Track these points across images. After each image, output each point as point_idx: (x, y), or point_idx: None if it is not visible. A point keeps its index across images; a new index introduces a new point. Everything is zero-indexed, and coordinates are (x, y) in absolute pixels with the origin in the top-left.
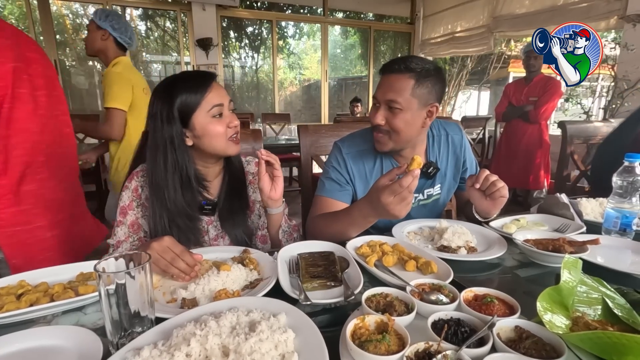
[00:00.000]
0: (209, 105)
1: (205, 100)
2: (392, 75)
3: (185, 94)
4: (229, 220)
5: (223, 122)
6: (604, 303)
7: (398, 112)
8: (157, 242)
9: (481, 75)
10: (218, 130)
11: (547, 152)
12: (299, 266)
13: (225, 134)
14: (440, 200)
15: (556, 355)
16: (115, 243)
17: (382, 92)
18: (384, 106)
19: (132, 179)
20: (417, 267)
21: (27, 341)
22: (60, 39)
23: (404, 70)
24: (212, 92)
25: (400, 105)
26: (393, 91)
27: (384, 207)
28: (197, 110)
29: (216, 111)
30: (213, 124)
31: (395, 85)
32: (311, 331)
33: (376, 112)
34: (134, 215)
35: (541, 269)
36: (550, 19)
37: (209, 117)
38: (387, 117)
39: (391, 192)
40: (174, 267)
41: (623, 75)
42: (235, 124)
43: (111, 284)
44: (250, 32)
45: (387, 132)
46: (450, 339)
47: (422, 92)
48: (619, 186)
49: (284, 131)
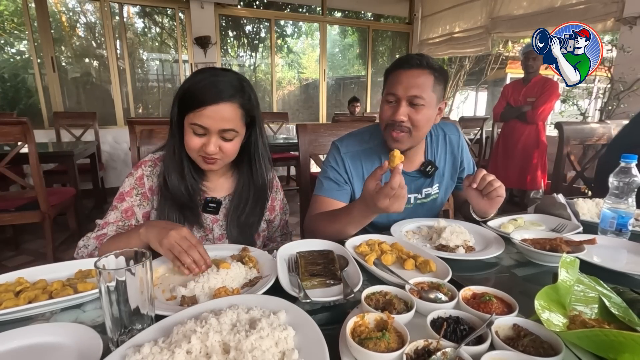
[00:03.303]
0: (193, 120)
1: (195, 113)
2: (413, 70)
3: (190, 92)
4: (233, 225)
5: (201, 140)
6: (600, 302)
7: (421, 108)
8: (175, 229)
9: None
10: (190, 143)
11: (544, 153)
12: (298, 264)
13: (197, 151)
14: (438, 200)
15: (554, 353)
16: (103, 223)
17: (403, 87)
18: (405, 102)
19: (138, 167)
20: (416, 266)
21: (26, 338)
22: (57, 35)
23: (425, 67)
24: (206, 111)
25: (424, 100)
26: (416, 86)
27: (383, 209)
28: (189, 114)
29: (196, 129)
30: (189, 135)
31: (418, 81)
32: (311, 328)
33: (398, 109)
34: (130, 202)
35: (538, 268)
36: (548, 21)
37: (190, 128)
38: (410, 114)
39: (385, 196)
40: (188, 256)
41: (619, 77)
42: (210, 150)
43: (111, 281)
44: (249, 31)
45: (408, 130)
46: (449, 337)
47: (438, 89)
48: (615, 187)
49: (282, 130)
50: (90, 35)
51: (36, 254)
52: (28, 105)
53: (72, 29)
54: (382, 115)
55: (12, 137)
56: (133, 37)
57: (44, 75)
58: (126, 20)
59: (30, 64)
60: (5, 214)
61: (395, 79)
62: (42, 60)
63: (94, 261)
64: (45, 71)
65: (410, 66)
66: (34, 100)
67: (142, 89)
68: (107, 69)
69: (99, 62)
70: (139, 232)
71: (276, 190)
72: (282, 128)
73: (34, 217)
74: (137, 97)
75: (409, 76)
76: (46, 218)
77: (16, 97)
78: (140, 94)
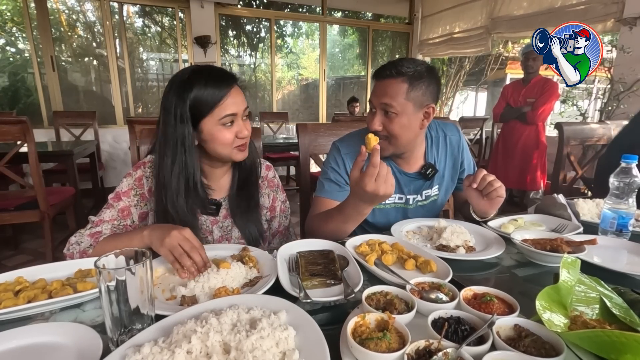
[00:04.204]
0: (222, 114)
1: (219, 108)
2: (385, 80)
3: (200, 96)
4: (241, 217)
5: (232, 130)
6: (601, 302)
7: (394, 116)
8: (177, 230)
9: (479, 76)
10: (225, 138)
11: (544, 153)
12: (298, 264)
13: (232, 143)
14: (438, 201)
15: (555, 354)
16: (97, 221)
17: (376, 97)
18: (380, 111)
19: (138, 168)
20: (416, 266)
21: (25, 338)
22: (56, 35)
23: (395, 75)
24: (228, 99)
25: (395, 109)
26: (387, 96)
27: (373, 194)
28: (209, 116)
29: (227, 120)
30: (221, 131)
31: (388, 91)
32: (311, 329)
33: (373, 118)
34: (127, 202)
35: (539, 268)
36: (548, 21)
37: (219, 124)
38: (384, 123)
39: (370, 177)
40: (188, 259)
41: (619, 78)
42: (244, 134)
43: (111, 281)
44: (249, 31)
45: (386, 138)
46: (450, 337)
47: (416, 95)
48: (615, 187)
49: (282, 130)
50: (90, 35)
51: (35, 254)
52: (27, 104)
53: (72, 28)
54: (367, 122)
55: (12, 136)
56: (133, 36)
57: (44, 75)
58: (126, 19)
59: (30, 63)
60: (4, 213)
61: (373, 88)
62: (42, 60)
63: (94, 260)
64: (45, 70)
65: (382, 77)
66: (34, 100)
67: (142, 89)
68: (106, 68)
69: (98, 61)
70: (143, 233)
71: (276, 189)
72: (282, 128)
73: (33, 217)
74: (136, 97)
75: (381, 86)
76: (45, 217)
77: (16, 96)
78: (140, 94)
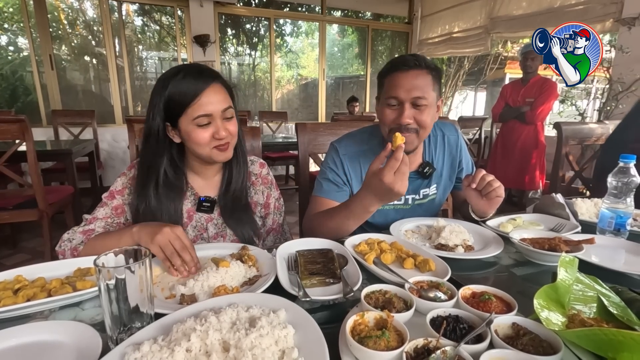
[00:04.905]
0: (195, 114)
1: (192, 107)
2: (412, 71)
3: (173, 94)
4: (233, 218)
5: (208, 130)
6: (599, 301)
7: (424, 108)
8: (169, 227)
9: (478, 76)
10: (200, 138)
11: (543, 153)
12: (297, 263)
13: (209, 144)
14: (436, 200)
15: (553, 352)
16: (91, 218)
17: (405, 90)
18: (409, 105)
19: (132, 167)
20: (415, 265)
21: (24, 336)
22: (55, 33)
23: (423, 67)
24: (202, 98)
25: (427, 101)
26: (418, 88)
27: (388, 187)
28: (184, 115)
29: (202, 121)
30: (195, 131)
31: (418, 82)
32: (311, 327)
33: (403, 112)
34: (121, 200)
35: (537, 267)
36: (547, 21)
37: (193, 124)
38: (414, 115)
39: (390, 169)
40: (179, 258)
41: (618, 78)
42: (222, 135)
43: (111, 279)
44: (248, 30)
45: (415, 131)
46: (448, 335)
47: (437, 88)
48: (613, 187)
49: (281, 129)
50: (88, 33)
51: (34, 252)
52: (26, 103)
53: (71, 26)
54: (385, 119)
55: (10, 134)
56: (132, 35)
57: (42, 73)
58: (125, 18)
59: (29, 62)
60: (3, 212)
61: (394, 82)
62: (41, 58)
63: (94, 259)
64: (44, 69)
65: (408, 67)
66: (32, 98)
67: (141, 87)
68: (105, 67)
69: (97, 60)
70: (132, 230)
71: (270, 186)
72: (281, 127)
73: (32, 215)
74: (135, 96)
75: (408, 78)
76: (44, 216)
77: (14, 94)
78: (139, 92)
